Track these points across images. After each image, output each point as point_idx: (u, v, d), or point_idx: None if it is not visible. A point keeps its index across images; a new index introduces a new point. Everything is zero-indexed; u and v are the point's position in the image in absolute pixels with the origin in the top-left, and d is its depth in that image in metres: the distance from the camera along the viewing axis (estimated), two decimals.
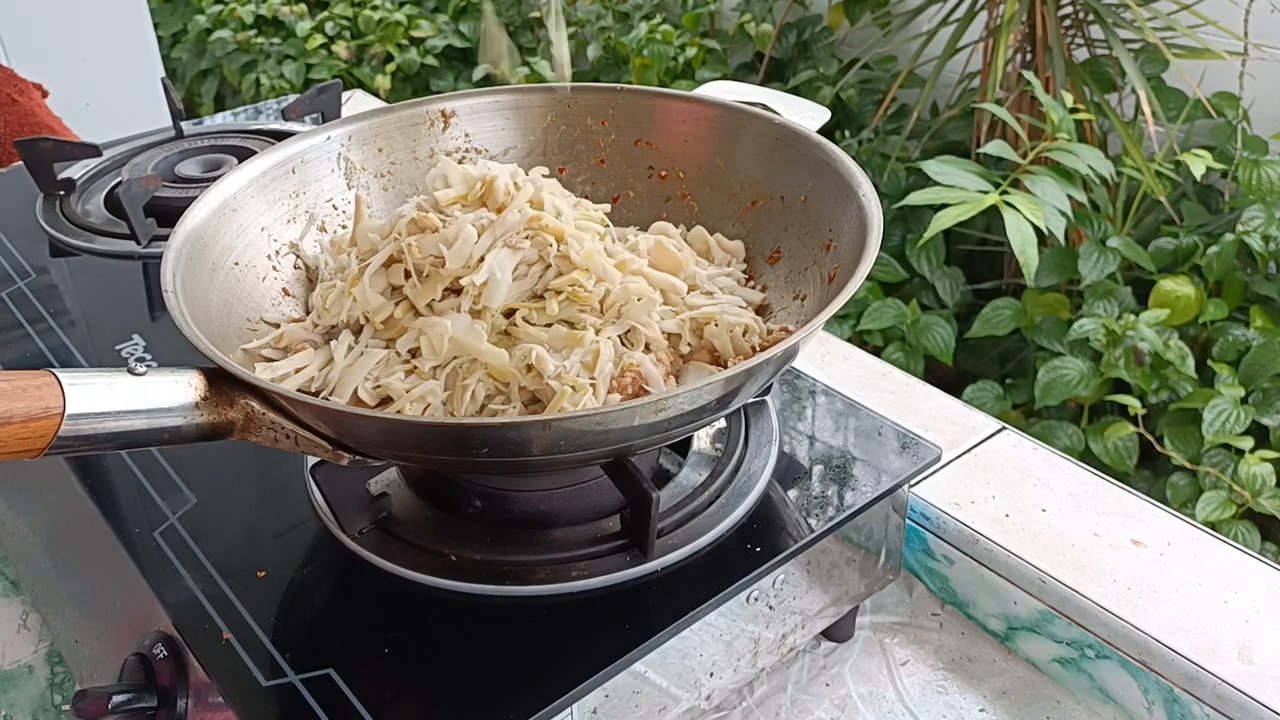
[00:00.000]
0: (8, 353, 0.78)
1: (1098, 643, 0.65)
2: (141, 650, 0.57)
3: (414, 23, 3.24)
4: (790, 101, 0.73)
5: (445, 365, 0.58)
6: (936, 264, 2.04)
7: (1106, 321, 1.67)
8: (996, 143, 1.60)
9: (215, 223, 0.63)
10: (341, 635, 0.55)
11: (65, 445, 0.47)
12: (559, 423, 0.49)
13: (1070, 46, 1.96)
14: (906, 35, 2.29)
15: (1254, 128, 1.89)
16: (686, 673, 0.58)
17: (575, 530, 0.59)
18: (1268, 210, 1.73)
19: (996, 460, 0.76)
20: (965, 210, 1.50)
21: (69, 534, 0.71)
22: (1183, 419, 1.67)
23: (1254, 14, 1.79)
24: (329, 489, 0.57)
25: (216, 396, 0.51)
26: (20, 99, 1.41)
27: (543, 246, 0.60)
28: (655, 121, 0.73)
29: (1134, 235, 1.89)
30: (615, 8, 2.91)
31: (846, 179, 0.62)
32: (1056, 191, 1.55)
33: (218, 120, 1.20)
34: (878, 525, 0.66)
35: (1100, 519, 0.71)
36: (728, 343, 0.61)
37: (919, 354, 1.89)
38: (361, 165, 0.72)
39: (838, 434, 0.68)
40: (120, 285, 0.86)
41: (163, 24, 3.48)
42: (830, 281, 0.62)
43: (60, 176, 0.99)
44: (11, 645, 0.80)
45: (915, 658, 0.70)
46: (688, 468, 0.64)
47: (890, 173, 2.10)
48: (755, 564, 0.58)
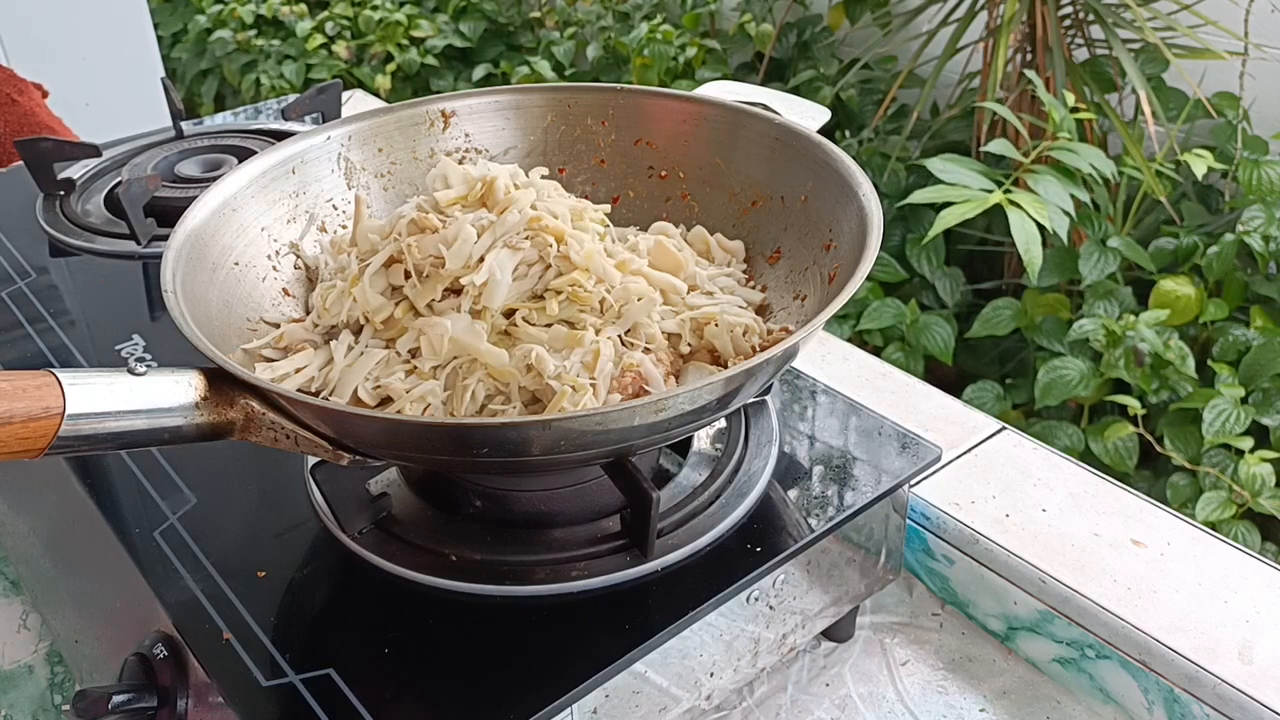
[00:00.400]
0: (8, 353, 0.78)
1: (1098, 643, 0.65)
2: (141, 650, 0.57)
3: (414, 22, 3.24)
4: (790, 101, 0.73)
5: (445, 365, 0.58)
6: (936, 264, 2.04)
7: (1107, 322, 1.67)
8: (999, 141, 1.60)
9: (215, 223, 0.63)
10: (341, 635, 0.55)
11: (65, 445, 0.47)
12: (559, 423, 0.49)
13: (1070, 46, 1.96)
14: (907, 35, 2.29)
15: (1254, 128, 1.89)
16: (687, 673, 0.58)
17: (575, 530, 0.59)
18: (1268, 210, 1.73)
19: (996, 460, 0.76)
20: (969, 209, 1.50)
21: (69, 534, 0.71)
22: (1183, 419, 1.67)
23: (1254, 14, 1.79)
24: (329, 489, 0.57)
25: (216, 396, 0.51)
26: (20, 99, 1.41)
27: (543, 247, 0.60)
28: (655, 121, 0.73)
29: (1134, 235, 1.89)
30: (615, 8, 2.91)
31: (846, 179, 0.62)
32: (1059, 190, 1.55)
33: (218, 120, 1.20)
34: (878, 525, 0.66)
35: (1100, 519, 0.71)
36: (728, 343, 0.61)
37: (919, 354, 1.89)
38: (361, 165, 0.72)
39: (838, 434, 0.68)
40: (120, 285, 0.86)
41: (163, 24, 3.48)
42: (830, 281, 0.62)
43: (60, 176, 0.99)
44: (11, 645, 0.80)
45: (915, 658, 0.70)
46: (688, 468, 0.64)
47: (890, 173, 2.10)
48: (755, 564, 0.58)
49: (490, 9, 3.29)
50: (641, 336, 0.59)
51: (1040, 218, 1.48)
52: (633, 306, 0.59)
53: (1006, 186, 1.55)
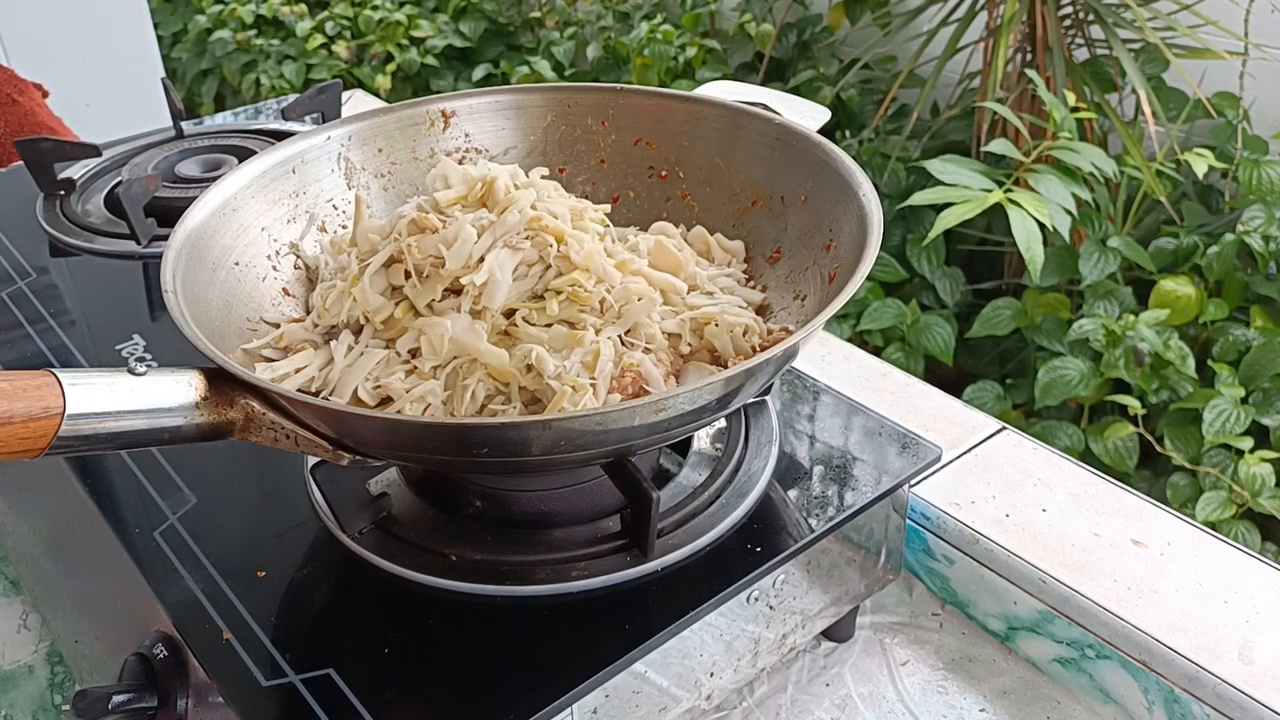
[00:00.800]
0: (8, 353, 0.78)
1: (1098, 643, 0.65)
2: (141, 650, 0.57)
3: (414, 23, 3.24)
4: (790, 101, 0.73)
5: (445, 365, 0.58)
6: (937, 264, 2.04)
7: (1107, 321, 1.67)
8: (1000, 141, 1.60)
9: (215, 223, 0.63)
10: (341, 635, 0.55)
11: (65, 445, 0.47)
12: (559, 423, 0.49)
13: (1070, 46, 1.96)
14: (907, 35, 2.29)
15: (1254, 128, 1.89)
16: (687, 673, 0.58)
17: (575, 530, 0.59)
18: (1268, 210, 1.73)
19: (997, 460, 0.76)
20: (970, 209, 1.50)
21: (69, 534, 0.71)
22: (1183, 419, 1.67)
23: (1254, 14, 1.79)
24: (329, 489, 0.57)
25: (216, 396, 0.51)
26: (20, 99, 1.41)
27: (543, 247, 0.60)
28: (655, 121, 0.73)
29: (1134, 235, 1.89)
30: (615, 8, 2.91)
31: (847, 179, 0.62)
32: (1060, 189, 1.55)
33: (218, 120, 1.20)
34: (878, 525, 0.66)
35: (1100, 519, 0.71)
36: (728, 343, 0.61)
37: (919, 354, 1.89)
38: (361, 165, 0.72)
39: (838, 434, 0.68)
40: (120, 285, 0.86)
41: (163, 24, 3.48)
42: (830, 281, 0.62)
43: (60, 176, 0.99)
44: (11, 645, 0.80)
45: (915, 658, 0.70)
46: (688, 468, 0.64)
47: (890, 173, 2.10)
48: (755, 564, 0.57)
49: (490, 9, 3.29)
50: (641, 336, 0.59)
51: (1041, 216, 1.48)
52: (633, 306, 0.59)
53: (1007, 186, 1.55)
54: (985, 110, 1.87)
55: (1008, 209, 1.49)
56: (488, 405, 0.57)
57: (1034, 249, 1.47)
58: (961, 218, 1.50)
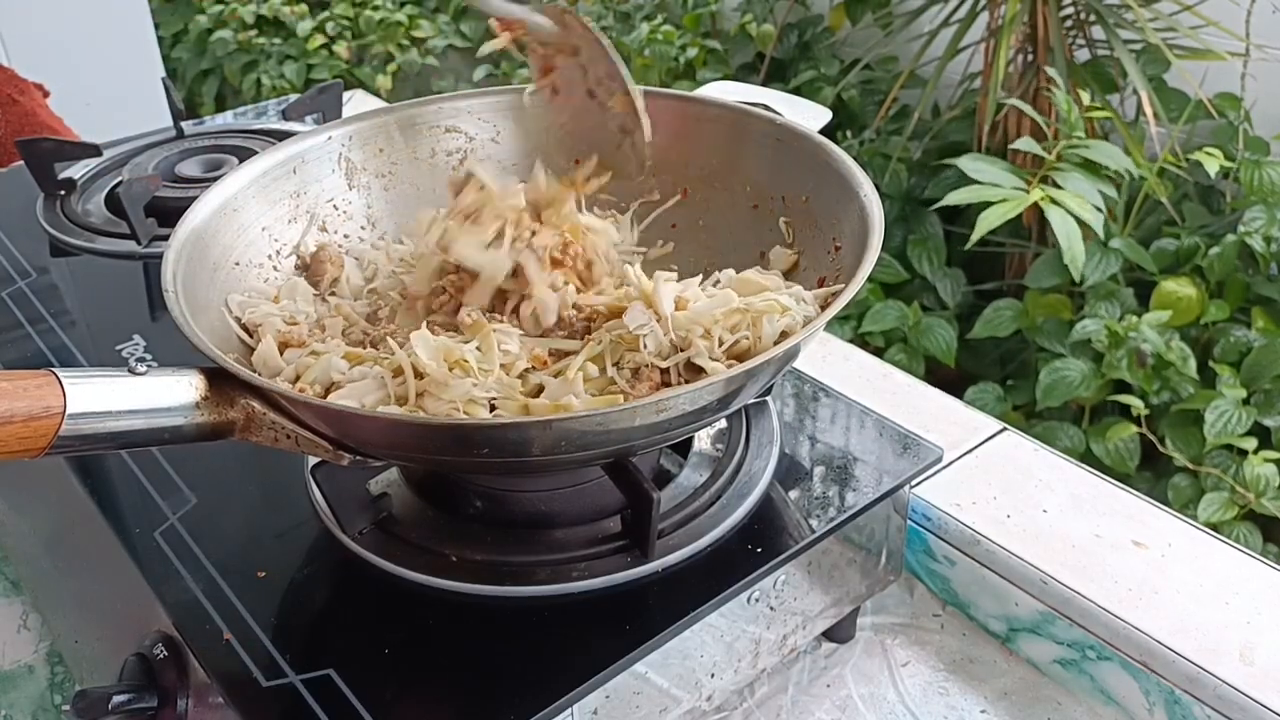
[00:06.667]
0: (8, 353, 0.78)
1: (1099, 644, 0.65)
2: (141, 650, 0.57)
3: (415, 23, 3.24)
4: (792, 102, 0.73)
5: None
6: (938, 265, 2.04)
7: (1108, 323, 1.67)
8: (1025, 139, 1.59)
9: (216, 223, 0.63)
10: (342, 635, 0.55)
11: (66, 445, 0.46)
12: (559, 423, 0.49)
13: (1072, 47, 1.96)
14: (908, 36, 2.29)
15: (1255, 128, 1.89)
16: (687, 673, 0.58)
17: (576, 531, 0.59)
18: (1269, 211, 1.73)
19: (998, 461, 0.76)
20: (1010, 208, 1.49)
21: (69, 534, 0.71)
22: (1184, 420, 1.67)
23: (1255, 15, 1.79)
24: (329, 489, 0.57)
25: (217, 396, 0.51)
26: (21, 99, 1.41)
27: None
28: (656, 122, 0.73)
29: (1135, 236, 1.88)
30: (616, 8, 2.91)
31: (848, 180, 0.62)
32: (1089, 188, 1.54)
33: (218, 120, 1.20)
34: (879, 526, 0.66)
35: (1102, 520, 0.71)
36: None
37: (920, 355, 1.89)
38: (362, 165, 0.72)
39: (839, 435, 0.68)
40: (120, 285, 0.86)
41: (163, 24, 3.48)
42: (832, 282, 0.62)
43: (61, 176, 0.99)
44: (11, 645, 0.80)
45: (916, 659, 0.70)
46: (689, 468, 0.64)
47: (892, 173, 2.10)
48: (756, 565, 0.57)
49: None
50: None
51: (1084, 215, 1.47)
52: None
53: (1035, 185, 1.54)
54: (987, 110, 1.87)
55: (1046, 209, 1.48)
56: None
57: (1075, 247, 1.46)
58: (1003, 218, 1.49)
